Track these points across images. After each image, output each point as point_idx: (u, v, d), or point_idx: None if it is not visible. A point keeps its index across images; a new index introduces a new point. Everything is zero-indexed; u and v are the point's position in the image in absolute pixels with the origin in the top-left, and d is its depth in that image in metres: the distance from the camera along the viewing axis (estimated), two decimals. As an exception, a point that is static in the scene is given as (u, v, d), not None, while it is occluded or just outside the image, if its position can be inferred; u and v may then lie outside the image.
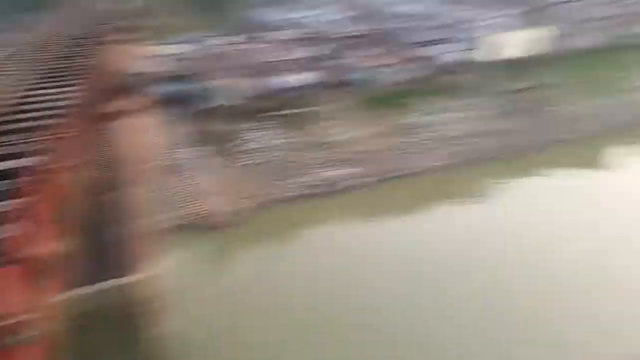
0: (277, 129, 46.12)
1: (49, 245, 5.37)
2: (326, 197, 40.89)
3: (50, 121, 8.27)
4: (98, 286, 21.77)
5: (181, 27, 65.96)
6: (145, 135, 33.81)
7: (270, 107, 46.07)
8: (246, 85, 46.47)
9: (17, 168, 6.29)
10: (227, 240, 34.78)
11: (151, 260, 24.19)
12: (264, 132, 45.48)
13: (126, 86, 25.77)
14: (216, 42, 57.30)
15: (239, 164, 42.55)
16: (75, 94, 9.66)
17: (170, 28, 64.60)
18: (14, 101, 7.84)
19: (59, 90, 8.72)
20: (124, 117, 26.08)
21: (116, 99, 25.13)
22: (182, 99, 46.81)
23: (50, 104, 8.08)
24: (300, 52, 52.50)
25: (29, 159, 6.69)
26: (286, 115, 46.95)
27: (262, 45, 54.90)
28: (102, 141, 24.63)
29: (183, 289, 25.94)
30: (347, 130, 46.83)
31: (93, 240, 22.75)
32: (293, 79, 46.95)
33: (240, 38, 59.71)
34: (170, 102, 46.15)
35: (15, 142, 7.24)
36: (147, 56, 51.78)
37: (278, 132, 45.82)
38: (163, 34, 61.31)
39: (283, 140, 44.97)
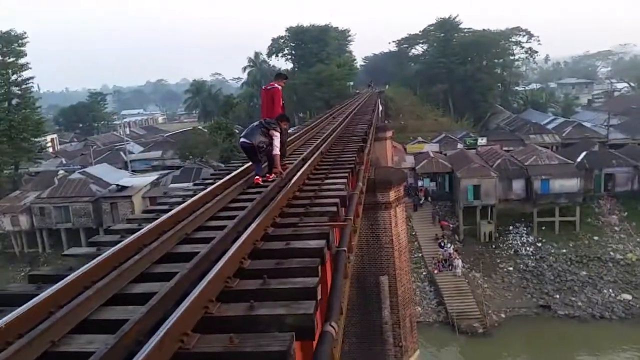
0: (543, 236, 42.79)
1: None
2: (594, 323, 34.85)
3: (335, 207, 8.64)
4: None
5: (444, 126, 69.26)
6: (407, 227, 35.35)
7: (536, 212, 43.14)
8: (509, 187, 45.10)
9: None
10: (476, 347, 32.65)
11: (408, 349, 24.23)
12: (528, 238, 42.73)
13: (391, 179, 27.57)
14: (477, 142, 58.05)
15: (499, 269, 40.35)
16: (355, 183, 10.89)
17: (432, 126, 68.47)
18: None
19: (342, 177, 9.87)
20: (389, 208, 27.63)
21: (383, 190, 26.92)
22: (441, 195, 47.91)
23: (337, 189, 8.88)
24: (565, 157, 49.21)
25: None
26: (554, 222, 43.35)
27: (523, 148, 53.39)
28: (372, 228, 26.52)
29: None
30: (625, 246, 40.64)
31: (359, 320, 24.08)
32: (560, 185, 43.65)
33: (501, 139, 59.39)
34: (430, 197, 47.76)
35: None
36: (410, 152, 55.46)
37: (543, 239, 42.55)
38: (425, 133, 65.23)
39: (550, 249, 41.40)
